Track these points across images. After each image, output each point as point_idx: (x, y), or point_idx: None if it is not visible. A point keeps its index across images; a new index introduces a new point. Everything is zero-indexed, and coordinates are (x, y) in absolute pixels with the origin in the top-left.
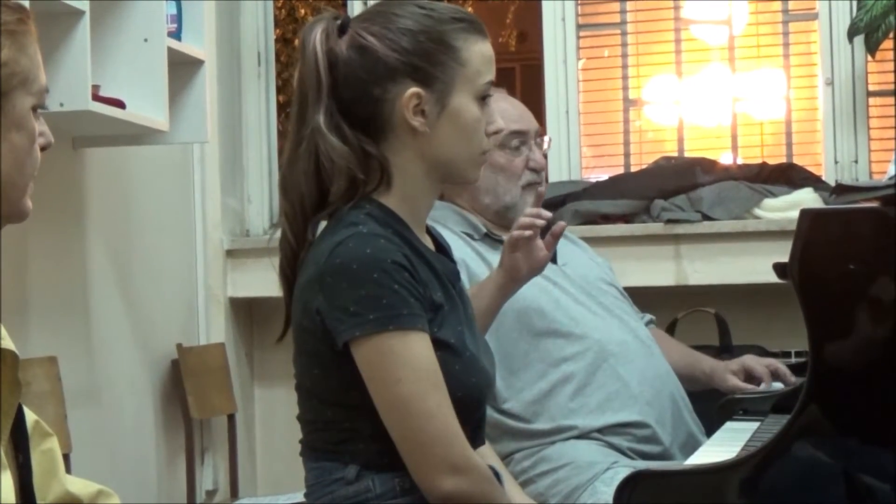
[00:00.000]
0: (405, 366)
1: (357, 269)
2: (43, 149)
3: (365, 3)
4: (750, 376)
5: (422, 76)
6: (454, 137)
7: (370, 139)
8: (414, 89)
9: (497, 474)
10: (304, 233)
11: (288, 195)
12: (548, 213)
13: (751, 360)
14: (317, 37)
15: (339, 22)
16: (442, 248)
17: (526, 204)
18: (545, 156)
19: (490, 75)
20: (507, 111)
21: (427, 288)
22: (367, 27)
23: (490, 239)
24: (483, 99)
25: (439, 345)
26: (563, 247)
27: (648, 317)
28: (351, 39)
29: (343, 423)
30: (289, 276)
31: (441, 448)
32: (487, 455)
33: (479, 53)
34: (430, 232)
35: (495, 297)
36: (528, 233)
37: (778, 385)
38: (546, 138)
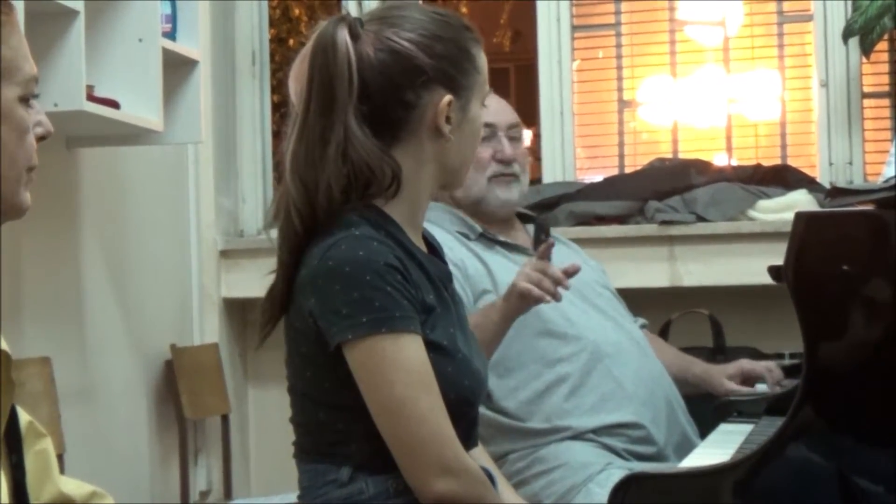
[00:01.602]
0: (398, 368)
1: (349, 272)
2: (42, 138)
3: (359, 4)
4: (746, 379)
5: (452, 83)
6: (467, 143)
7: (384, 143)
8: (449, 96)
9: (490, 476)
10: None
11: (308, 189)
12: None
13: (748, 364)
14: (346, 38)
15: (353, 23)
16: (434, 250)
17: (494, 196)
18: (534, 153)
19: (487, 83)
20: None
21: (419, 290)
22: (397, 31)
23: (485, 238)
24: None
25: (431, 347)
26: (556, 250)
27: (641, 321)
28: (378, 42)
29: (336, 424)
30: (286, 263)
31: (433, 450)
32: (480, 456)
33: (484, 61)
34: (422, 234)
35: (500, 329)
36: (547, 298)
37: (763, 387)
38: (527, 132)
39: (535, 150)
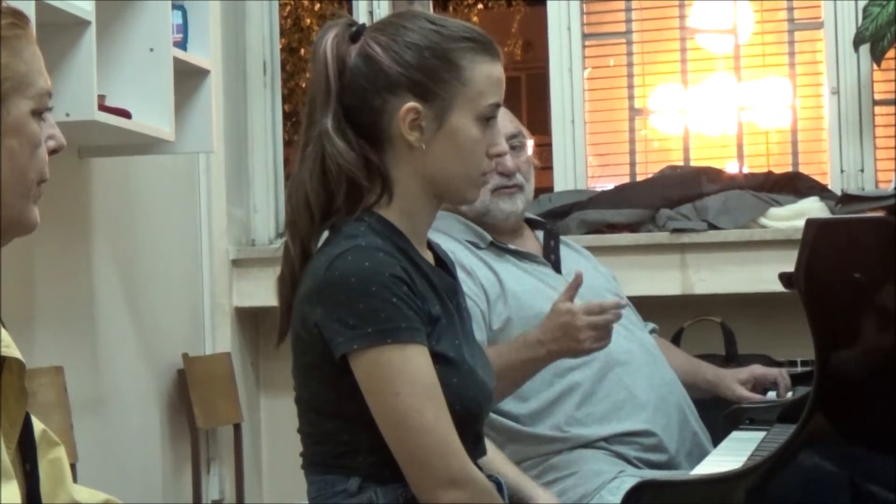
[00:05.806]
0: (403, 380)
1: (355, 282)
2: (54, 151)
3: (370, 12)
4: (756, 385)
5: (422, 91)
6: (450, 156)
7: (372, 148)
8: (412, 104)
9: (499, 485)
10: (309, 236)
11: (293, 197)
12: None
13: (760, 370)
14: (328, 41)
15: (353, 29)
16: (442, 263)
17: (498, 209)
18: (542, 161)
19: (495, 97)
20: None
21: (425, 301)
22: (376, 37)
23: (495, 247)
24: (487, 120)
25: (437, 358)
26: (567, 256)
27: (651, 325)
28: (360, 48)
29: (342, 435)
30: (287, 283)
31: (439, 462)
32: (494, 456)
33: (484, 74)
34: (430, 246)
35: (537, 371)
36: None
37: (773, 395)
38: (529, 142)
39: (544, 158)
